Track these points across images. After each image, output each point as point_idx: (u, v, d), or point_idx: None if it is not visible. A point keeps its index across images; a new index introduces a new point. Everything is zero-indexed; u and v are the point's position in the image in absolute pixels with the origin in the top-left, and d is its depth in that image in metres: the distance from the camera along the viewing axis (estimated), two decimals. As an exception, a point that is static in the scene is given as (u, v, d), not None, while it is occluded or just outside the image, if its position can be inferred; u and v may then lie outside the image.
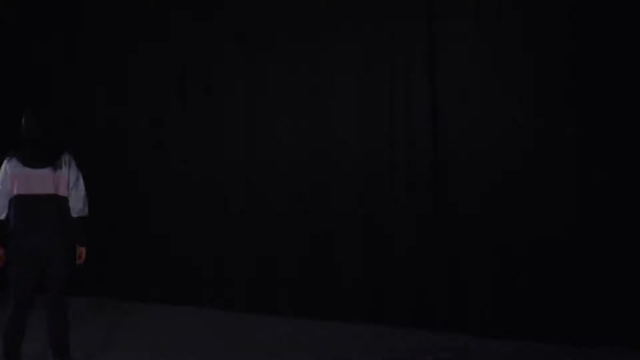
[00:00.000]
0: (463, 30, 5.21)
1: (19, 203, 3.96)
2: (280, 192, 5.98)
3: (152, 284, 6.57)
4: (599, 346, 4.63)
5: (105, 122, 6.89)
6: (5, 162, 4.02)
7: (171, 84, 6.59)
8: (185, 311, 6.16)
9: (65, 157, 4.09)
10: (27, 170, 3.98)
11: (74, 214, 4.13)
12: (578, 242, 4.76)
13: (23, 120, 4.09)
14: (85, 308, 6.20)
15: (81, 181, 4.17)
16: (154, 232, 6.60)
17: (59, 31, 7.15)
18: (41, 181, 3.99)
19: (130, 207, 6.72)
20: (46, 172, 4.01)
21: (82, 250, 4.21)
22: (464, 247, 5.18)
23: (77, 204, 4.14)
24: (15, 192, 3.97)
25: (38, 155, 4.02)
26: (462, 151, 5.20)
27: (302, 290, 5.87)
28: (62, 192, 4.06)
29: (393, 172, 5.50)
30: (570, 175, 4.83)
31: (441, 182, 5.29)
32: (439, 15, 5.32)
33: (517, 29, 5.00)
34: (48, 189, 4.00)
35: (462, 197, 5.19)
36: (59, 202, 4.05)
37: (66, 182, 4.08)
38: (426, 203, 5.34)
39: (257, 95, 6.12)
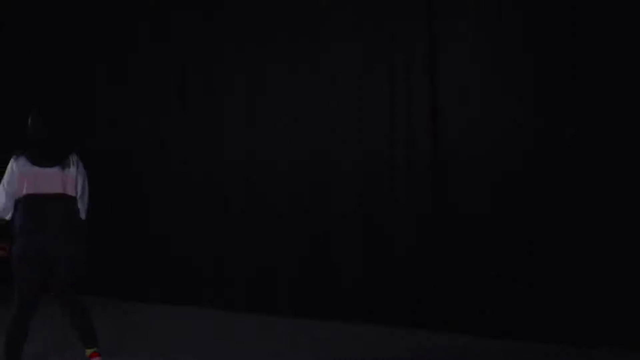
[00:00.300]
0: (463, 30, 5.20)
1: (27, 202, 3.93)
2: (280, 192, 5.98)
3: (152, 284, 6.57)
4: (599, 346, 4.62)
5: (105, 122, 6.89)
6: (12, 161, 3.98)
7: (171, 84, 6.60)
8: (185, 311, 6.17)
9: (73, 158, 4.10)
10: (36, 169, 3.94)
11: (82, 216, 4.14)
12: (578, 242, 4.76)
13: (30, 120, 4.07)
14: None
15: (86, 182, 4.19)
16: (154, 232, 6.60)
17: (59, 31, 7.15)
18: (50, 180, 3.97)
19: (130, 207, 6.72)
20: (54, 171, 3.99)
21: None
22: (464, 247, 5.18)
23: (84, 206, 4.16)
24: (24, 191, 3.92)
25: (47, 154, 4.01)
26: (462, 151, 5.20)
27: (302, 290, 5.87)
28: (70, 191, 4.05)
29: (393, 172, 5.50)
30: (570, 175, 4.83)
31: (441, 182, 5.29)
32: (439, 15, 5.31)
33: (517, 29, 4.99)
34: (56, 189, 3.98)
35: (462, 197, 5.19)
36: (66, 202, 4.04)
37: (74, 182, 4.07)
38: (426, 203, 5.34)
39: (257, 95, 6.12)
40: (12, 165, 3.96)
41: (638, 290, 4.59)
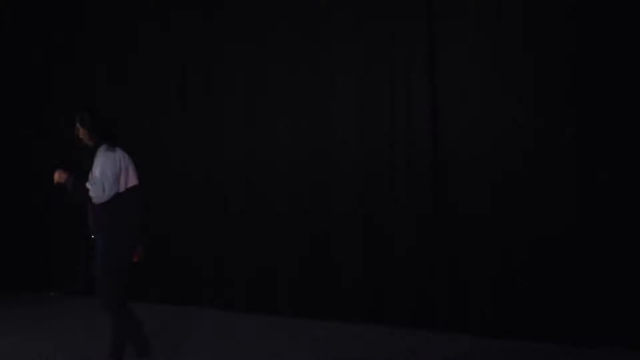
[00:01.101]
0: (463, 30, 5.21)
1: (131, 194, 4.02)
2: (280, 192, 5.98)
3: (152, 284, 6.57)
4: (599, 346, 4.62)
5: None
6: (110, 152, 3.95)
7: (171, 84, 6.59)
8: (185, 311, 6.16)
9: None
10: (129, 161, 4.08)
11: None
12: (578, 242, 4.76)
13: (95, 116, 4.09)
14: (85, 308, 6.20)
15: None
16: (154, 232, 6.58)
17: (59, 31, 7.15)
18: (134, 173, 4.11)
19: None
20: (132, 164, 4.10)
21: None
22: (464, 247, 5.18)
23: None
24: (129, 183, 4.01)
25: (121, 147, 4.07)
26: (462, 151, 5.20)
27: (302, 290, 5.87)
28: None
29: (393, 172, 5.50)
30: (570, 175, 4.83)
31: (441, 182, 5.29)
32: (439, 15, 5.31)
33: (517, 29, 4.99)
34: (135, 181, 4.12)
35: (462, 197, 5.19)
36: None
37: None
38: (426, 203, 5.34)
39: (257, 95, 6.12)
40: (113, 156, 3.94)
41: (638, 290, 4.60)
